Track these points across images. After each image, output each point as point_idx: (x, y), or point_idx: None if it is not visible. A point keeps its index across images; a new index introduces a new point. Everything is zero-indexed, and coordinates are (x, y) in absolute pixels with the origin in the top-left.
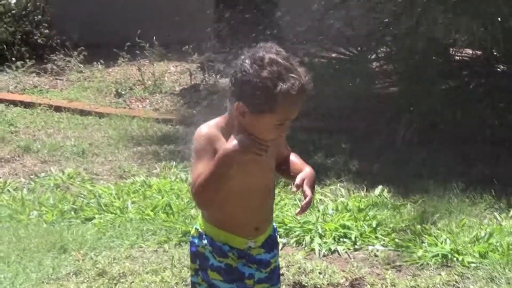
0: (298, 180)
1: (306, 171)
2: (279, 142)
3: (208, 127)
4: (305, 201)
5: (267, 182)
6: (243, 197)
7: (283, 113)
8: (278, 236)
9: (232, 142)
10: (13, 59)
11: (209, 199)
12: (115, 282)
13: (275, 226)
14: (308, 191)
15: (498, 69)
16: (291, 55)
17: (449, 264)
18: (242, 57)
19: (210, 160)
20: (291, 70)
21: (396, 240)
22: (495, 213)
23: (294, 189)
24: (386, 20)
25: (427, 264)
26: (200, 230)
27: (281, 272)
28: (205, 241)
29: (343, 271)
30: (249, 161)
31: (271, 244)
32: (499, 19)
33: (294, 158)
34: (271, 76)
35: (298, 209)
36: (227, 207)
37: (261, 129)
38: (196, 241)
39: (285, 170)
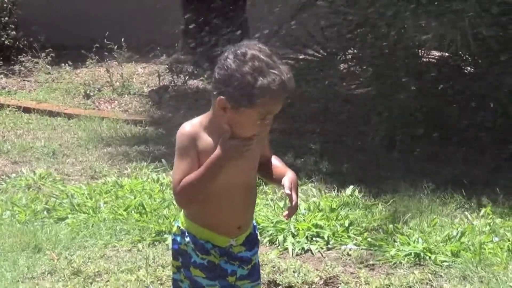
0: (286, 188)
1: (289, 175)
2: (263, 142)
3: (191, 125)
4: (292, 206)
5: (249, 181)
6: (225, 196)
7: (264, 108)
8: (258, 234)
9: (223, 149)
10: None
11: (192, 200)
12: (90, 281)
13: (255, 224)
14: (294, 196)
15: (466, 71)
16: (274, 53)
17: (422, 263)
18: (225, 53)
19: (193, 159)
20: (273, 66)
21: (369, 239)
22: (466, 213)
23: (287, 191)
24: (355, 21)
25: (400, 263)
26: (182, 227)
27: None
28: (187, 239)
29: (317, 269)
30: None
31: (251, 242)
32: (467, 20)
33: (276, 161)
34: (252, 71)
35: (286, 213)
36: (209, 207)
37: (242, 124)
38: (178, 238)
39: (267, 173)
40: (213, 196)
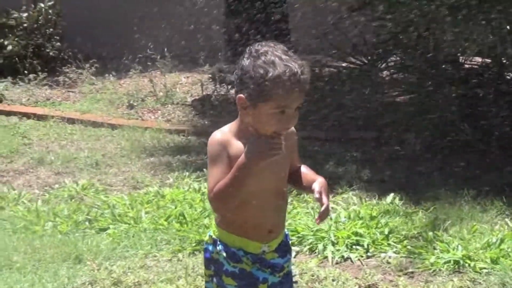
0: (316, 193)
1: (319, 180)
2: (292, 149)
3: (222, 133)
4: (322, 209)
5: (280, 185)
6: (257, 199)
7: (279, 100)
8: (290, 242)
9: (250, 150)
10: (26, 72)
11: (228, 205)
12: None
13: (287, 232)
14: (325, 199)
15: (508, 77)
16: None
17: (461, 270)
18: (243, 54)
19: (225, 165)
20: (285, 60)
21: (408, 247)
22: (506, 219)
23: (317, 195)
24: (396, 29)
25: (439, 270)
26: (214, 236)
27: (294, 279)
28: (219, 247)
29: (356, 278)
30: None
31: (284, 249)
32: (508, 27)
33: (305, 169)
34: (264, 65)
35: (317, 218)
36: (242, 210)
37: (263, 120)
38: (210, 247)
39: (297, 181)
40: (245, 200)
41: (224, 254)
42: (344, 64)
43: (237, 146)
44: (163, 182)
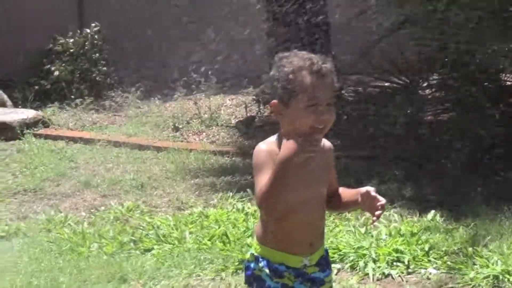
0: (372, 191)
1: (361, 188)
2: (330, 162)
3: (267, 143)
4: (381, 203)
5: (319, 197)
6: (300, 210)
7: (306, 92)
8: (329, 257)
9: (287, 145)
10: (72, 96)
11: (273, 205)
12: None
13: (327, 248)
14: (380, 197)
15: None
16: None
17: (500, 285)
18: None
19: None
20: (305, 55)
21: (448, 262)
22: None
23: (373, 193)
24: (438, 47)
25: (479, 285)
26: (255, 254)
27: None
28: (261, 264)
29: None
30: (306, 168)
31: (324, 263)
32: None
33: (343, 188)
34: (285, 64)
35: (374, 219)
36: (285, 221)
37: (298, 118)
38: (252, 265)
39: (337, 203)
40: (291, 210)
41: (267, 271)
42: (386, 84)
43: None
44: (207, 202)
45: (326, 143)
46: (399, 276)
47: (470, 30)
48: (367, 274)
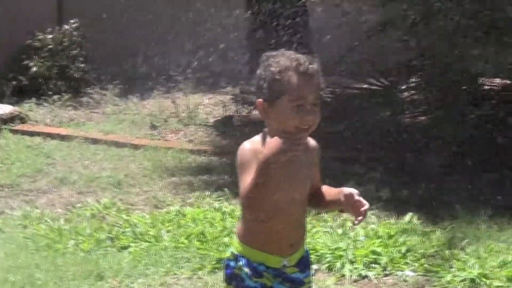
0: (355, 195)
1: (344, 188)
2: (315, 160)
3: (251, 142)
4: (364, 208)
5: (302, 197)
6: (284, 209)
7: (292, 92)
8: (310, 258)
9: (270, 145)
10: (50, 93)
11: (258, 204)
12: None
13: (307, 249)
14: (364, 201)
15: None
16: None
17: None
18: None
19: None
20: (292, 55)
21: (425, 265)
22: None
23: (357, 197)
24: (417, 50)
25: None
26: (236, 252)
27: None
28: (241, 263)
29: None
30: (290, 168)
31: (304, 264)
32: None
33: (327, 187)
34: (272, 63)
35: (355, 222)
36: (269, 220)
37: (283, 117)
38: (231, 263)
39: (319, 201)
40: (271, 212)
41: (246, 270)
42: (365, 86)
43: None
44: (184, 201)
45: (311, 142)
46: (376, 278)
47: (449, 34)
48: (344, 275)
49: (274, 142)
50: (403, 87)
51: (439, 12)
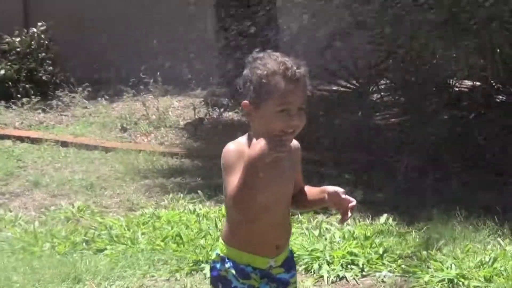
0: (341, 193)
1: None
2: (297, 161)
3: (236, 143)
4: (351, 206)
5: (286, 199)
6: (270, 210)
7: (278, 96)
8: (294, 258)
9: (255, 147)
10: (19, 96)
11: (246, 206)
12: None
13: (290, 249)
14: (350, 198)
15: (497, 100)
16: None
17: None
18: None
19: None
20: (279, 58)
21: (403, 266)
22: (499, 239)
23: (343, 195)
24: (387, 52)
25: None
26: (221, 254)
27: None
28: (227, 265)
29: None
30: (275, 169)
31: (289, 264)
32: (497, 50)
33: (309, 187)
34: (259, 66)
35: (346, 217)
36: (255, 222)
37: (268, 121)
38: (217, 265)
39: (302, 201)
40: (257, 213)
41: (233, 271)
42: (335, 88)
43: None
44: (158, 204)
45: (293, 142)
46: (354, 279)
47: (421, 36)
48: (322, 276)
49: (259, 143)
50: (373, 89)
51: (411, 13)
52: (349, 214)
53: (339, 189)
